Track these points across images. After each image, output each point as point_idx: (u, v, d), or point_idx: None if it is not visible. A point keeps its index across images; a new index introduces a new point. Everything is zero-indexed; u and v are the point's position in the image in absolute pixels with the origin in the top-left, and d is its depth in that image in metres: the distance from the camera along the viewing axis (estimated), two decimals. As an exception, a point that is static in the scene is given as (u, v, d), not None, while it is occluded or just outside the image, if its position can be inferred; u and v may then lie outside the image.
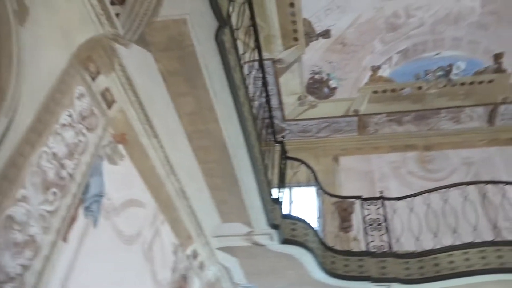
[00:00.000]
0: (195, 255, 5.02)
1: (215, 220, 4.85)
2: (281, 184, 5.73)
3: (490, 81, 8.11)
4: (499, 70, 7.96)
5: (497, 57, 7.80)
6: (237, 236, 5.00)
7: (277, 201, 5.19)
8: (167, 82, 3.35)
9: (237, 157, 4.03)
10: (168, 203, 4.21)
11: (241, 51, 4.01)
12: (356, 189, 8.19)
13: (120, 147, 3.33)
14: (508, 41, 7.58)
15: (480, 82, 8.15)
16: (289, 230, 5.25)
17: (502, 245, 5.22)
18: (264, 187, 4.54)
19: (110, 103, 3.03)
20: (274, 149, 6.18)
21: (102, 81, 2.88)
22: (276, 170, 5.80)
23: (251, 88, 4.85)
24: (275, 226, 4.85)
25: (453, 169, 8.39)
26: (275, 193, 5.31)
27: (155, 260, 4.02)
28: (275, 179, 5.57)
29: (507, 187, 6.06)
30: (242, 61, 3.83)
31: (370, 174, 8.72)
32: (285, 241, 5.06)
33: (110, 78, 2.97)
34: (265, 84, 5.35)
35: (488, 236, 5.57)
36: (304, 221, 5.47)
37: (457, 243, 5.49)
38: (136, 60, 3.06)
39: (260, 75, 5.31)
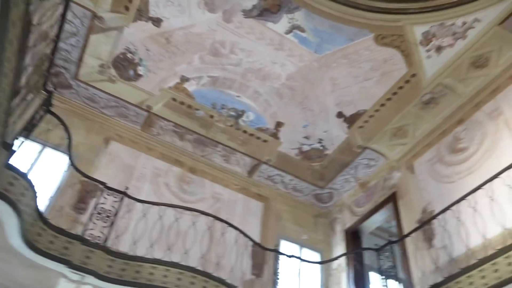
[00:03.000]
0: None
1: None
2: (25, 133, 5.09)
3: (265, 141, 9.21)
4: (274, 135, 9.14)
5: (278, 124, 8.97)
6: None
7: (8, 147, 4.55)
8: None
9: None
10: None
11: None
12: (111, 178, 7.96)
13: None
14: (290, 116, 8.82)
15: (258, 138, 9.18)
16: (6, 183, 4.63)
17: (199, 274, 5.72)
18: (-5, 124, 3.92)
19: None
20: (40, 95, 5.53)
21: None
22: (28, 117, 5.16)
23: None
24: (-12, 171, 4.21)
25: (202, 198, 9.02)
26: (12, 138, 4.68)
27: None
28: (21, 124, 4.94)
29: (230, 229, 6.80)
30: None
31: (131, 170, 8.63)
32: (-7, 192, 4.43)
33: None
34: (61, 24, 4.81)
35: (194, 263, 6.04)
36: (29, 181, 4.92)
37: (166, 259, 5.78)
38: None
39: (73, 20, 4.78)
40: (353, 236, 9.23)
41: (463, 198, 5.72)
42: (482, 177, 5.83)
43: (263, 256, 8.31)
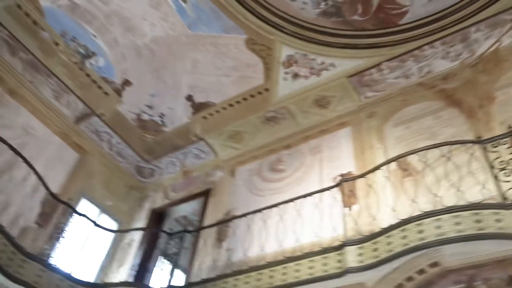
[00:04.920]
0: None
1: None
2: None
3: (106, 93, 8.57)
4: (118, 92, 8.58)
5: (126, 82, 8.47)
6: None
7: None
8: None
9: None
10: None
11: None
12: None
13: None
14: (141, 80, 8.43)
15: (100, 87, 8.49)
16: None
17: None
18: None
19: None
20: None
21: None
22: None
23: None
24: None
25: (10, 125, 7.85)
26: None
27: None
28: None
29: (24, 166, 6.10)
30: None
31: None
32: None
33: None
34: None
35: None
36: None
37: None
38: None
39: None
40: (158, 218, 9.14)
41: (258, 210, 6.16)
42: (285, 199, 6.33)
43: (55, 207, 7.64)
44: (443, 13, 6.58)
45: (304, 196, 5.82)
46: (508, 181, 4.25)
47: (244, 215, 6.33)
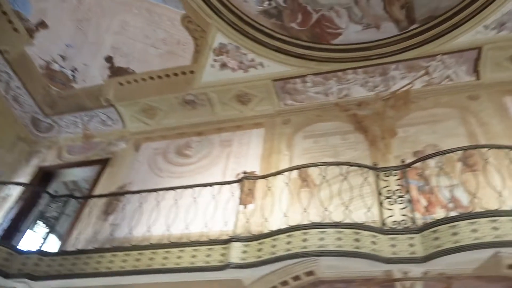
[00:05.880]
0: None
1: None
2: None
3: (15, 30, 7.66)
4: (30, 32, 7.73)
5: (42, 24, 7.62)
6: None
7: None
8: None
9: None
10: None
11: None
12: None
13: None
14: (60, 26, 7.75)
15: (10, 22, 7.57)
16: None
17: None
18: None
19: None
20: None
21: None
22: None
23: None
24: None
25: None
26: None
27: None
28: None
29: None
30: None
31: None
32: None
33: None
34: None
35: None
36: None
37: None
38: None
39: None
40: (44, 177, 8.45)
41: (154, 190, 5.98)
42: (183, 184, 6.22)
43: None
44: (371, 45, 6.98)
45: (204, 185, 5.76)
46: (390, 209, 4.61)
47: (138, 191, 6.11)
